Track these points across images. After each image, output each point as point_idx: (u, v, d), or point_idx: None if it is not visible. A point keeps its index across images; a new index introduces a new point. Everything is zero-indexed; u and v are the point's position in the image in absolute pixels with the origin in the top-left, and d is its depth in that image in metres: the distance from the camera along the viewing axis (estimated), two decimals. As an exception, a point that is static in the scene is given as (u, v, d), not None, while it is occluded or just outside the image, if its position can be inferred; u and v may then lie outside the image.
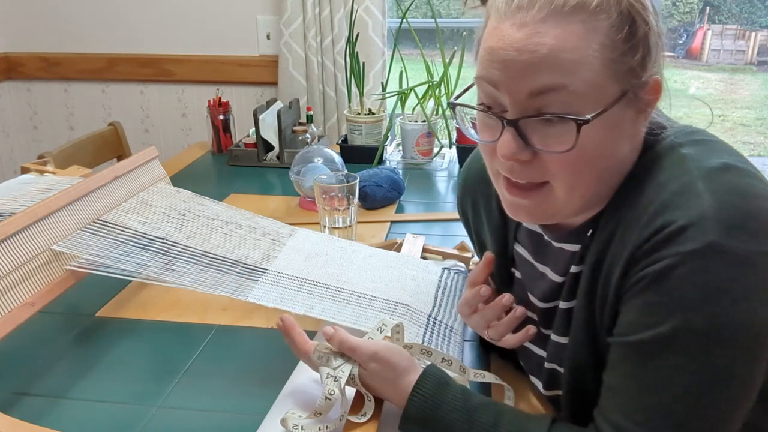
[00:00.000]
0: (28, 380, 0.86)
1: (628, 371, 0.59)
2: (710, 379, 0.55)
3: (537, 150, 0.61)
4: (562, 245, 0.72)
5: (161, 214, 1.05)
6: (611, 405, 0.61)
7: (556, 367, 0.74)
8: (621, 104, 0.60)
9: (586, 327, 0.66)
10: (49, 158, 1.41)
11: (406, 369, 0.71)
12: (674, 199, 0.57)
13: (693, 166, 0.59)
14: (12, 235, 0.85)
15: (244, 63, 2.15)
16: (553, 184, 0.63)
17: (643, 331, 0.57)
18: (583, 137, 0.58)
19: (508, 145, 0.61)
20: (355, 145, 1.83)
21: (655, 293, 0.56)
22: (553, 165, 0.61)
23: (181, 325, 1.00)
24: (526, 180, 0.63)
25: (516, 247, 0.81)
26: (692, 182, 0.57)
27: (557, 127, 0.59)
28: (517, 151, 0.61)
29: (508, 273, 0.83)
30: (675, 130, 0.65)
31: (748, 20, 4.79)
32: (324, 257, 1.02)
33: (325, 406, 0.71)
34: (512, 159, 0.62)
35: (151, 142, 2.27)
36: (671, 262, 0.55)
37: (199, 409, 0.81)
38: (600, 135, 0.60)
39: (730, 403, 0.56)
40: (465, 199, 0.91)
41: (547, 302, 0.75)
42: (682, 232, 0.55)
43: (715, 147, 0.63)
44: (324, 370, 0.73)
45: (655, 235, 0.56)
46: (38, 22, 2.23)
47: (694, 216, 0.55)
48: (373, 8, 1.95)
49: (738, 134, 4.66)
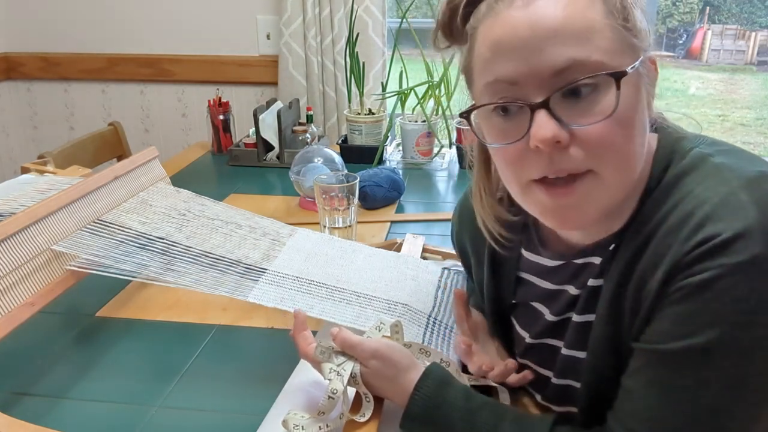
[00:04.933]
0: (28, 380, 0.86)
1: (653, 378, 0.58)
2: (738, 394, 0.54)
3: (576, 128, 0.57)
4: (584, 260, 0.69)
5: (161, 214, 1.05)
6: (628, 409, 0.59)
7: (570, 383, 0.72)
8: (638, 73, 0.59)
9: (609, 341, 0.65)
10: (49, 158, 1.41)
11: (407, 367, 0.71)
12: (717, 210, 0.55)
13: (731, 176, 0.58)
14: (12, 235, 0.85)
15: (244, 63, 2.15)
16: (597, 170, 0.59)
17: (676, 341, 0.56)
18: (622, 100, 0.56)
19: (545, 127, 0.57)
20: (355, 145, 1.83)
21: (693, 303, 0.55)
22: (595, 142, 0.57)
23: (181, 325, 1.00)
24: (570, 168, 0.59)
25: (521, 274, 0.79)
26: (733, 193, 0.56)
27: (590, 97, 0.57)
28: (557, 131, 0.57)
29: (504, 304, 0.82)
30: (699, 141, 0.64)
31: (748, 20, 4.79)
32: (324, 257, 1.02)
33: (328, 405, 0.71)
34: (552, 143, 0.57)
35: (151, 142, 2.27)
36: (715, 274, 0.53)
37: (199, 409, 0.81)
38: (634, 100, 0.58)
39: (752, 417, 0.55)
40: (462, 235, 0.89)
41: (559, 315, 0.74)
42: (729, 245, 0.53)
43: (745, 155, 0.62)
44: (327, 366, 0.73)
45: (699, 246, 0.54)
46: (38, 22, 2.23)
47: (740, 228, 0.53)
48: (373, 8, 1.95)
49: (738, 134, 4.66)
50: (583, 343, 0.68)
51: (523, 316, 0.80)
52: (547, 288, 0.75)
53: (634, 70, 0.58)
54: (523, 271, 0.79)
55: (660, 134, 0.66)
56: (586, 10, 0.57)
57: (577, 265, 0.70)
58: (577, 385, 0.71)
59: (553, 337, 0.75)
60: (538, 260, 0.76)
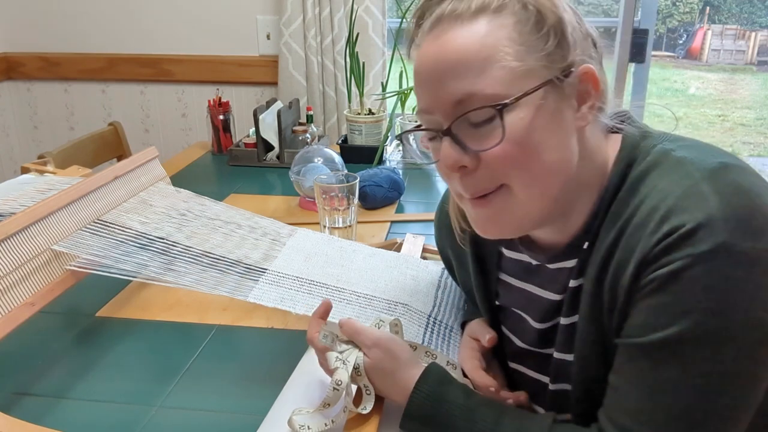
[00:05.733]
0: (28, 380, 0.86)
1: (636, 372, 0.59)
2: (720, 380, 0.55)
3: (475, 152, 0.62)
4: (558, 265, 0.71)
5: (161, 214, 1.05)
6: (617, 406, 0.60)
7: (564, 387, 0.73)
8: (550, 93, 0.61)
9: (593, 340, 0.65)
10: (49, 158, 1.42)
11: (406, 361, 0.72)
12: (680, 203, 0.57)
13: (693, 168, 0.59)
14: (12, 235, 0.85)
15: (244, 63, 2.15)
16: (509, 184, 0.63)
17: (652, 333, 0.57)
18: (511, 126, 0.60)
19: (446, 153, 0.63)
20: (355, 145, 1.83)
21: (665, 295, 0.56)
22: (498, 164, 0.61)
23: (181, 325, 1.00)
24: (482, 189, 0.64)
25: (501, 276, 0.81)
26: (696, 185, 0.57)
27: (487, 125, 0.61)
28: (458, 158, 0.62)
29: (493, 305, 0.83)
30: (663, 138, 0.66)
31: (748, 20, 4.80)
32: (324, 257, 1.02)
33: (333, 396, 0.71)
34: (456, 168, 0.63)
35: (151, 142, 2.27)
36: (682, 264, 0.55)
37: (199, 409, 0.81)
38: (530, 123, 0.60)
39: (738, 404, 0.56)
40: (443, 240, 0.92)
41: (545, 322, 0.74)
42: (693, 235, 0.54)
43: (706, 148, 0.63)
44: (332, 354, 0.73)
45: (665, 239, 0.56)
46: (38, 22, 2.23)
47: (703, 218, 0.54)
48: (373, 8, 1.95)
49: (738, 134, 4.66)
50: (572, 345, 0.69)
51: (510, 321, 0.81)
52: (528, 292, 0.76)
53: (550, 86, 0.60)
54: (504, 272, 0.80)
55: (624, 134, 0.67)
56: (487, 39, 0.60)
57: (552, 270, 0.72)
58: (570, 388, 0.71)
59: (544, 346, 0.75)
60: (518, 257, 0.77)
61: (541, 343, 0.76)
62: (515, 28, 0.60)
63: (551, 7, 0.61)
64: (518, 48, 0.60)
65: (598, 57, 0.65)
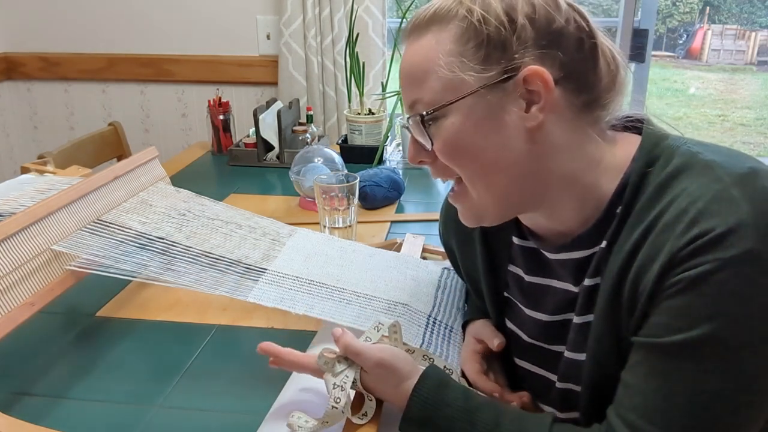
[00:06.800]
0: (28, 380, 0.86)
1: (652, 372, 0.58)
2: (736, 386, 0.55)
3: (426, 149, 0.69)
4: (564, 255, 0.71)
5: (161, 214, 1.05)
6: (628, 403, 0.60)
7: (572, 387, 0.72)
8: (483, 98, 0.64)
9: (608, 340, 0.65)
10: (49, 158, 1.41)
11: (408, 373, 0.71)
12: (710, 206, 0.56)
13: (722, 172, 0.59)
14: (12, 235, 0.85)
15: (244, 63, 2.15)
16: (463, 180, 0.69)
17: (673, 334, 0.56)
18: (444, 130, 0.66)
19: (409, 149, 0.72)
20: (355, 145, 1.83)
21: (690, 297, 0.56)
22: (443, 160, 0.68)
23: (181, 325, 1.00)
24: (442, 177, 0.71)
25: (510, 268, 0.81)
26: (726, 189, 0.57)
27: (428, 128, 0.67)
28: (414, 154, 0.71)
29: (501, 297, 0.83)
30: (683, 140, 0.65)
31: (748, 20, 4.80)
32: (324, 257, 1.02)
33: (332, 414, 0.70)
34: (416, 160, 0.71)
35: (151, 142, 2.27)
36: (710, 268, 0.54)
37: (199, 409, 0.81)
38: (459, 127, 0.65)
39: (751, 411, 0.56)
40: (448, 235, 0.92)
41: (556, 315, 0.74)
42: (722, 239, 0.54)
43: (733, 153, 0.63)
44: (330, 380, 0.72)
45: (693, 241, 0.56)
46: (38, 22, 2.23)
47: (733, 223, 0.54)
48: (373, 8, 1.95)
49: (738, 134, 4.66)
50: (585, 345, 0.69)
51: (516, 313, 0.81)
52: (537, 284, 0.76)
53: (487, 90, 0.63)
54: (513, 264, 0.80)
55: (644, 133, 0.67)
56: (429, 51, 0.66)
57: (559, 260, 0.72)
58: (579, 389, 0.71)
59: (551, 342, 0.75)
60: (528, 245, 0.77)
61: (548, 339, 0.76)
62: (453, 40, 0.64)
63: (499, 13, 0.62)
64: (451, 60, 0.64)
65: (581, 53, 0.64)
